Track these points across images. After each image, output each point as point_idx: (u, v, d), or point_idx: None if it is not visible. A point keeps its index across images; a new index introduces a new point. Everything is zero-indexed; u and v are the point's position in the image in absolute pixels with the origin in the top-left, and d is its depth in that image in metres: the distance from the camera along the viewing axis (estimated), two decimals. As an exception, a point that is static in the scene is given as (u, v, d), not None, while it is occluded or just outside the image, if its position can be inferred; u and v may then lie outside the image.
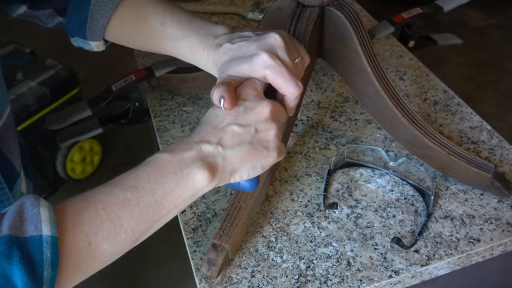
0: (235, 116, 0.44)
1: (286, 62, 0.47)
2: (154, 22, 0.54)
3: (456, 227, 0.61)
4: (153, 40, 0.55)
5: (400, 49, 0.92)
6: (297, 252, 0.59)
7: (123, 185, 0.41)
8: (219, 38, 0.51)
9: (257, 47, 0.47)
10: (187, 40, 0.53)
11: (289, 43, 0.48)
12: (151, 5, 0.55)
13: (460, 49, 2.32)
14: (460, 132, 0.74)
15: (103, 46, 0.59)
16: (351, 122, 0.77)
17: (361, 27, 0.61)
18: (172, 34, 0.53)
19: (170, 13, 0.54)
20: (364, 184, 0.67)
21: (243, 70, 0.47)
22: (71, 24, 0.57)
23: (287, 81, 0.46)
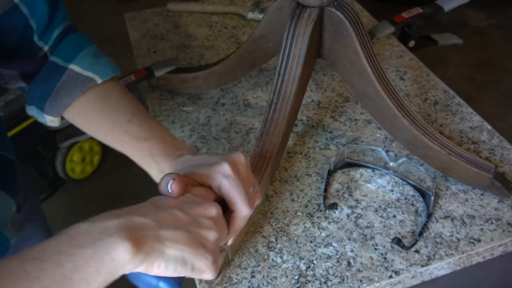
0: (181, 203, 0.41)
1: (244, 180, 0.46)
2: (121, 117, 0.53)
3: (456, 227, 0.61)
4: (112, 132, 0.54)
5: (400, 49, 0.92)
6: (297, 252, 0.59)
7: (25, 256, 0.34)
8: (182, 151, 0.51)
9: (221, 158, 0.46)
10: (150, 142, 0.52)
11: (249, 168, 0.48)
12: (123, 100, 0.55)
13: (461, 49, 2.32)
14: (461, 132, 0.74)
15: (58, 123, 0.57)
16: (351, 122, 0.77)
17: (361, 27, 0.61)
18: (135, 133, 0.52)
19: (139, 113, 0.54)
20: (364, 184, 0.67)
21: (201, 173, 0.45)
22: (32, 93, 0.55)
23: (242, 196, 0.45)
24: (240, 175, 0.46)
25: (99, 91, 0.54)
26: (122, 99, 0.55)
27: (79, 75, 0.53)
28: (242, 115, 0.79)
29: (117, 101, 0.54)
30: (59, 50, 0.54)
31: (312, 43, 0.62)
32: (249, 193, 0.46)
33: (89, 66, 0.53)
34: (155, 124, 0.54)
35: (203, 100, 0.83)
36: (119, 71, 0.56)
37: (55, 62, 0.54)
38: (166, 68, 0.81)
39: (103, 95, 0.54)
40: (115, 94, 0.55)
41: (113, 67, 0.56)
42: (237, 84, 0.86)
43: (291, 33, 0.61)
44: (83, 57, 0.54)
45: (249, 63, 0.74)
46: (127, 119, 0.53)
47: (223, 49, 0.94)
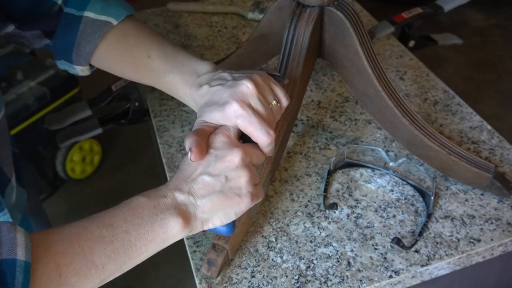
0: (206, 165, 0.45)
1: (258, 110, 0.48)
2: (140, 54, 0.55)
3: (456, 227, 0.61)
4: (139, 71, 0.56)
5: (400, 49, 0.92)
6: (297, 252, 0.59)
7: (100, 222, 0.41)
8: (201, 78, 0.52)
9: (230, 95, 0.48)
10: (171, 75, 0.54)
11: (264, 88, 0.49)
12: (140, 37, 0.56)
13: (460, 49, 2.32)
14: (460, 132, 0.74)
15: (88, 71, 0.59)
16: (351, 122, 0.77)
17: (361, 27, 0.61)
18: (157, 68, 0.54)
19: (156, 46, 0.55)
20: (364, 184, 0.67)
21: (216, 117, 0.48)
22: (57, 48, 0.57)
23: (258, 130, 0.47)
24: (252, 108, 0.47)
25: (117, 32, 0.55)
26: (140, 35, 0.56)
27: (94, 21, 0.54)
28: (242, 115, 0.79)
29: (135, 39, 0.55)
30: (71, 1, 0.55)
31: (312, 43, 0.62)
32: (268, 115, 0.48)
33: (101, 10, 0.54)
34: (173, 52, 0.55)
35: (203, 100, 0.83)
36: (132, 8, 0.57)
37: (70, 13, 0.55)
38: (166, 68, 0.81)
39: (121, 35, 0.55)
40: (132, 32, 0.56)
41: (125, 6, 0.56)
42: (237, 84, 0.85)
43: (291, 33, 0.61)
44: (94, 2, 0.55)
45: (249, 63, 0.73)
46: (147, 54, 0.54)
47: (223, 49, 0.94)
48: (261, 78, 0.49)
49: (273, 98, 0.50)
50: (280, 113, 0.51)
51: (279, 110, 0.51)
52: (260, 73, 0.51)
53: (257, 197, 0.47)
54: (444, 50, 2.29)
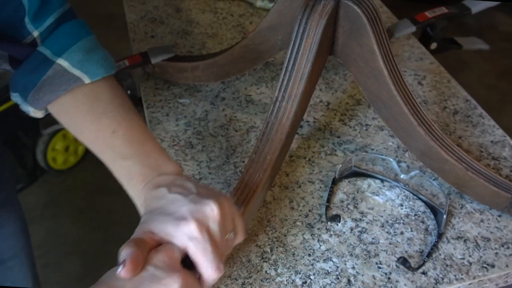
0: (138, 283, 0.42)
1: (215, 238, 0.46)
2: (106, 126, 0.53)
3: (469, 249, 0.61)
4: (96, 141, 0.54)
5: (421, 51, 0.92)
6: (294, 265, 0.59)
7: None
8: (162, 177, 0.51)
9: (190, 211, 0.46)
10: (130, 162, 0.52)
11: (226, 216, 0.48)
12: (111, 106, 0.54)
13: (486, 55, 2.32)
14: (480, 146, 0.74)
15: (41, 115, 0.57)
16: (362, 127, 0.77)
17: (379, 24, 0.61)
18: (118, 148, 0.52)
19: (126, 124, 0.53)
20: (372, 196, 0.67)
21: (167, 231, 0.46)
22: (16, 81, 0.55)
23: (208, 261, 0.45)
24: (210, 234, 0.46)
25: (88, 92, 0.53)
26: (111, 104, 0.54)
27: (65, 72, 0.52)
28: (243, 112, 0.79)
29: (105, 106, 0.53)
30: (50, 40, 0.53)
31: (325, 39, 0.62)
32: (221, 246, 0.47)
33: (78, 63, 0.52)
34: (142, 136, 0.54)
35: (202, 92, 0.83)
36: (113, 69, 0.55)
37: (43, 54, 0.53)
38: (163, 55, 0.81)
39: (91, 97, 0.53)
40: (103, 97, 0.54)
41: (106, 65, 0.54)
42: (240, 77, 0.86)
43: (302, 26, 0.61)
44: (74, 52, 0.53)
45: (254, 56, 0.74)
46: (112, 129, 0.52)
47: (227, 39, 0.94)
48: (228, 204, 0.49)
49: (232, 229, 0.49)
50: (232, 246, 0.50)
51: (233, 243, 0.50)
52: (227, 198, 0.50)
53: None
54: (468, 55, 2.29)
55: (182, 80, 0.83)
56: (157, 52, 0.81)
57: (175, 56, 0.82)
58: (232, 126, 0.77)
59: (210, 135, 0.75)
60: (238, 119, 0.78)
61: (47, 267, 1.56)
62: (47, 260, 1.57)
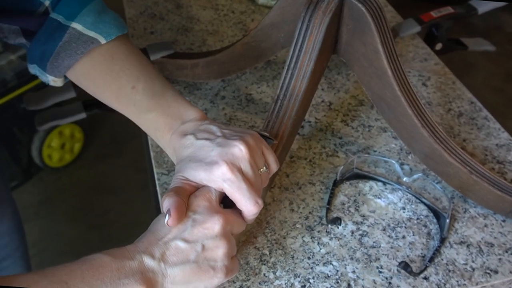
0: (182, 229, 0.45)
1: (248, 176, 0.49)
2: (125, 82, 0.54)
3: (472, 255, 0.61)
4: (118, 100, 0.56)
5: (426, 52, 0.92)
6: (293, 268, 0.59)
7: (54, 277, 0.41)
8: (186, 125, 0.53)
9: (219, 155, 0.48)
10: (153, 114, 0.54)
11: (256, 152, 0.50)
12: (128, 63, 0.55)
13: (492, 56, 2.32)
14: (485, 150, 0.74)
15: (61, 83, 0.59)
16: (364, 128, 0.77)
17: (384, 23, 0.61)
18: (139, 102, 0.54)
19: (144, 77, 0.55)
20: (373, 199, 0.67)
21: (201, 177, 0.48)
22: (33, 52, 0.56)
23: (245, 198, 0.48)
24: (242, 173, 0.48)
25: (104, 52, 0.55)
26: (128, 61, 0.55)
27: (81, 35, 0.53)
28: (244, 111, 0.79)
29: (122, 64, 0.55)
30: (61, 6, 0.54)
31: (328, 37, 0.62)
32: (257, 182, 0.49)
33: (91, 25, 0.54)
34: (161, 89, 0.55)
35: (201, 90, 0.83)
36: (126, 28, 0.57)
37: (57, 20, 0.54)
38: (162, 52, 0.81)
39: (108, 57, 0.55)
40: (120, 56, 0.55)
41: (118, 25, 0.56)
42: (240, 76, 0.86)
43: (306, 24, 0.61)
44: (86, 14, 0.54)
45: (256, 54, 0.73)
46: (132, 85, 0.54)
47: (228, 36, 0.94)
48: (254, 140, 0.50)
49: (264, 163, 0.51)
50: (268, 179, 0.53)
51: (267, 176, 0.52)
52: (252, 134, 0.52)
53: (232, 272, 0.47)
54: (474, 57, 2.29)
55: (182, 77, 0.83)
56: (156, 49, 0.81)
57: (174, 53, 0.82)
58: (232, 125, 0.77)
59: (209, 134, 0.75)
60: (238, 118, 0.78)
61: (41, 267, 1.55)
62: (41, 260, 1.57)
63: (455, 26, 0.94)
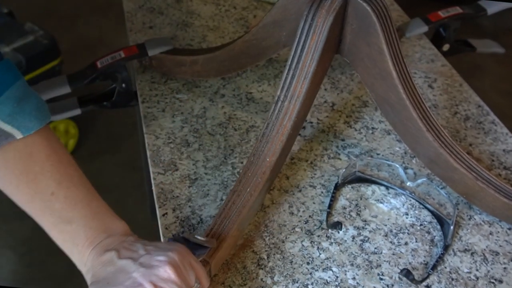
0: None
1: None
2: (44, 187, 0.50)
3: (476, 263, 0.61)
4: (32, 205, 0.51)
5: (432, 53, 0.92)
6: (291, 274, 0.59)
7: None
8: (109, 240, 0.50)
9: (143, 276, 0.46)
10: (74, 226, 0.50)
11: (183, 269, 0.48)
12: (49, 164, 0.50)
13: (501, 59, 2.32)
14: (492, 155, 0.74)
15: None
16: (368, 130, 0.77)
17: (390, 22, 0.61)
18: (58, 211, 0.50)
19: (68, 184, 0.51)
20: (376, 203, 0.67)
21: None
22: None
23: None
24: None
25: (20, 149, 0.49)
26: (48, 161, 0.50)
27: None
28: (243, 110, 0.79)
29: (42, 165, 0.50)
30: None
31: (332, 36, 0.62)
32: None
33: (8, 117, 0.47)
34: (86, 195, 0.52)
35: (201, 88, 0.83)
36: (48, 117, 0.52)
37: None
38: (161, 47, 0.81)
39: (26, 155, 0.50)
40: (39, 155, 0.50)
41: (40, 115, 0.50)
42: (241, 74, 0.86)
43: (308, 23, 0.61)
44: (3, 103, 0.47)
45: (257, 52, 0.74)
46: (51, 191, 0.50)
47: (229, 32, 0.94)
48: (180, 257, 0.48)
49: (195, 279, 0.49)
50: None
51: None
52: (179, 250, 0.49)
53: None
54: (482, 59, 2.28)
55: (180, 74, 0.83)
56: (154, 44, 0.81)
57: (173, 49, 0.82)
58: (231, 124, 0.77)
59: (207, 134, 0.75)
60: (237, 118, 0.78)
61: (31, 266, 1.56)
62: (32, 259, 1.57)
63: (463, 27, 0.94)
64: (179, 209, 0.65)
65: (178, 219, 0.64)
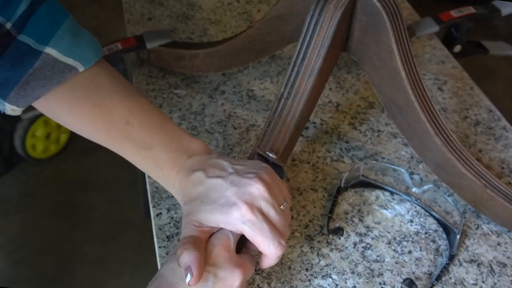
0: (203, 286, 0.47)
1: (269, 216, 0.49)
2: (117, 117, 0.52)
3: (482, 274, 0.61)
4: (111, 137, 0.53)
5: (443, 54, 0.92)
6: (289, 280, 0.59)
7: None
8: (193, 160, 0.52)
9: (236, 195, 0.48)
10: (155, 151, 0.52)
11: (273, 188, 0.50)
12: (117, 95, 0.53)
13: (515, 62, 2.32)
14: (502, 162, 0.74)
15: (19, 112, 0.54)
16: (373, 133, 0.77)
17: (400, 21, 0.61)
18: (137, 139, 0.53)
19: (138, 110, 0.53)
20: (379, 209, 0.67)
21: (217, 220, 0.48)
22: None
23: (268, 240, 0.48)
24: (263, 213, 0.48)
25: (84, 81, 0.52)
26: (116, 92, 0.53)
27: (56, 62, 0.50)
28: (244, 108, 0.79)
29: (111, 96, 0.52)
30: (30, 28, 0.50)
31: (339, 33, 0.62)
32: (280, 219, 0.49)
33: (68, 50, 0.50)
34: (159, 119, 0.54)
35: (200, 84, 0.83)
36: (101, 49, 0.54)
37: (26, 43, 0.49)
38: (160, 40, 0.81)
39: (92, 88, 0.52)
40: (106, 86, 0.53)
41: (96, 47, 0.53)
42: (242, 70, 0.86)
43: (315, 18, 0.61)
44: (61, 37, 0.50)
45: (260, 47, 0.74)
46: (126, 120, 0.52)
47: (232, 26, 0.94)
48: (270, 176, 0.50)
49: (283, 198, 0.51)
50: (290, 214, 0.53)
51: (289, 211, 0.52)
52: (267, 168, 0.52)
53: None
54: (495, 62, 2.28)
55: (179, 68, 0.83)
56: (153, 36, 0.81)
57: (173, 42, 0.82)
58: (231, 122, 0.77)
59: (206, 131, 0.75)
60: (238, 116, 0.78)
61: (19, 265, 1.56)
62: (20, 257, 1.57)
63: (476, 28, 0.94)
64: (174, 209, 0.65)
65: (173, 220, 0.64)
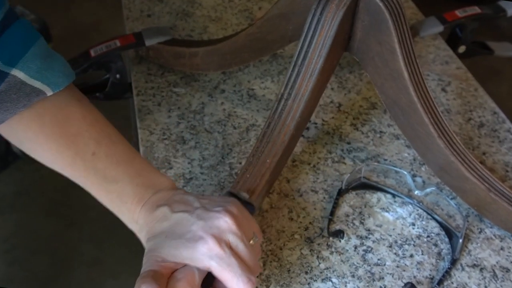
0: None
1: (238, 250, 0.47)
2: (83, 147, 0.51)
3: (485, 279, 0.61)
4: (73, 167, 0.52)
5: (447, 54, 0.92)
6: (288, 283, 0.59)
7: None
8: (158, 195, 0.51)
9: (202, 229, 0.47)
10: (120, 184, 0.51)
11: (242, 221, 0.49)
12: (85, 123, 0.52)
13: (520, 63, 2.32)
14: (506, 165, 0.74)
15: None
16: (375, 134, 0.77)
17: (403, 20, 0.61)
18: (102, 171, 0.51)
19: (107, 142, 0.52)
20: (381, 212, 0.67)
21: (182, 256, 0.47)
22: None
23: (237, 276, 0.46)
24: (231, 248, 0.47)
25: (52, 108, 0.51)
26: (85, 121, 0.52)
27: (23, 85, 0.48)
28: (244, 108, 0.79)
29: (79, 126, 0.51)
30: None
31: (341, 33, 0.62)
32: (250, 254, 0.48)
33: (37, 73, 0.49)
34: (127, 152, 0.53)
35: (199, 82, 0.83)
36: (73, 74, 0.53)
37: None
38: (159, 37, 0.81)
39: (61, 117, 0.51)
40: (75, 116, 0.52)
41: (66, 72, 0.52)
42: (243, 69, 0.86)
43: (317, 17, 0.61)
44: (30, 59, 0.48)
45: (261, 46, 0.74)
46: (92, 151, 0.51)
47: (232, 24, 0.94)
48: (238, 210, 0.49)
49: (253, 232, 0.50)
50: (260, 250, 0.52)
51: (259, 246, 0.51)
52: (234, 202, 0.51)
53: None
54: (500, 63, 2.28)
55: (179, 66, 0.83)
56: (152, 34, 0.81)
57: (172, 40, 0.82)
58: (231, 122, 0.77)
59: (205, 131, 0.75)
60: (237, 115, 0.78)
61: (14, 264, 1.56)
62: (14, 257, 1.57)
63: (481, 28, 0.94)
64: (172, 210, 0.65)
65: (170, 221, 0.64)
